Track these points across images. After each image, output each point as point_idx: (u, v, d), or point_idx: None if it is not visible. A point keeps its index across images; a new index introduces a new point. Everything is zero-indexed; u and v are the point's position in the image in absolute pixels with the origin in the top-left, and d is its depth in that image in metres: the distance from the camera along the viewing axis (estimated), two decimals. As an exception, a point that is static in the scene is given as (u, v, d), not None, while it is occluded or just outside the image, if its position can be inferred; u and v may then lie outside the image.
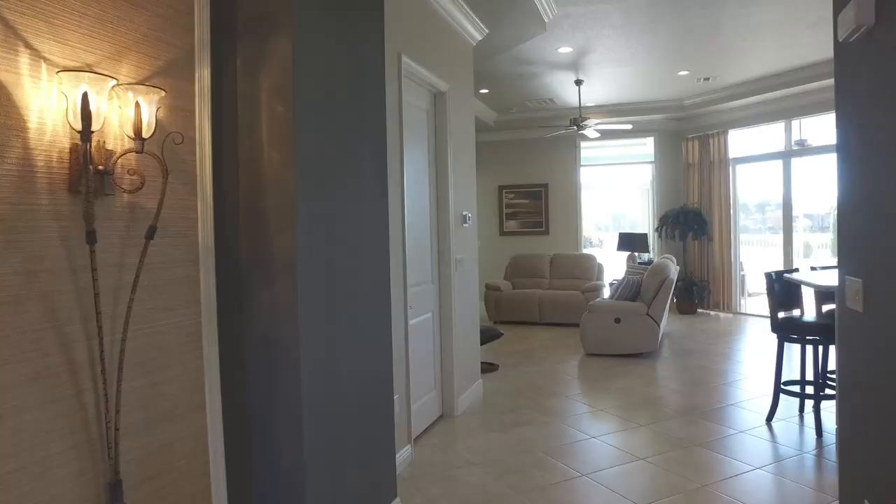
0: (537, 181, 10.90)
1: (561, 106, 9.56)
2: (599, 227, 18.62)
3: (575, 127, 8.25)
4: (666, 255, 7.79)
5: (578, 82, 8.12)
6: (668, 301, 6.75)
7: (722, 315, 9.57)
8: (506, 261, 10.14)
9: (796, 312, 4.75)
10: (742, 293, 9.83)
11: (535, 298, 9.06)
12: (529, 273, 9.79)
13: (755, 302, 10.19)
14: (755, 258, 10.87)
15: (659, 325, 6.68)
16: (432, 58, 4.49)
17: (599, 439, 4.26)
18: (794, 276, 4.42)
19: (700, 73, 7.93)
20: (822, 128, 9.48)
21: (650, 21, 5.89)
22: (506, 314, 9.20)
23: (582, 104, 8.53)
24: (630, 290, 6.96)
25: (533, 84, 8.30)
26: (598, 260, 9.67)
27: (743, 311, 9.75)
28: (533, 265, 9.83)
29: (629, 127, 8.21)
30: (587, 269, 9.48)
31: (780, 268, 9.18)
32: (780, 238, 17.57)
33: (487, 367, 6.18)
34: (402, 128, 3.95)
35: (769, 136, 10.01)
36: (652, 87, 8.75)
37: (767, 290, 4.51)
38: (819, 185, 12.29)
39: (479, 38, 5.36)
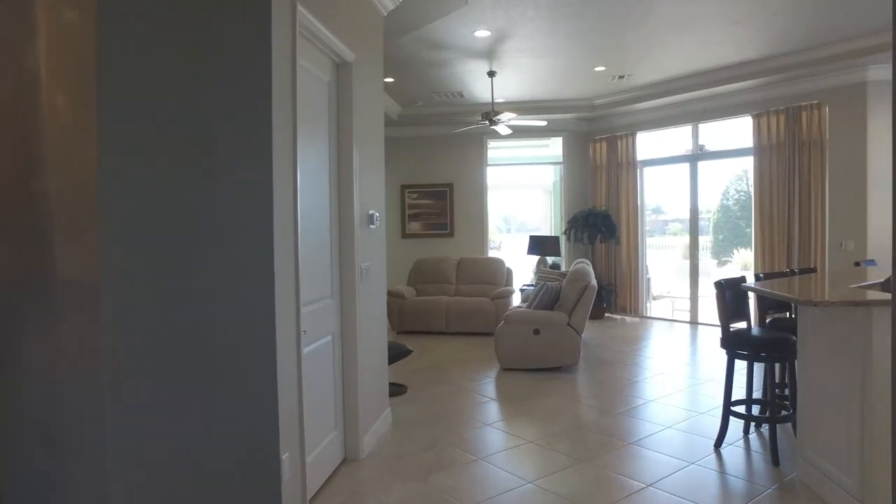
0: (442, 180, 10.11)
1: (470, 101, 8.82)
2: (500, 229, 18.19)
3: (487, 122, 7.52)
4: (582, 260, 7.23)
5: (492, 74, 7.39)
6: (590, 310, 6.16)
7: (629, 319, 9.21)
8: (409, 265, 9.26)
9: (742, 324, 4.22)
10: (648, 297, 9.53)
11: (442, 306, 8.25)
12: (435, 278, 8.97)
13: (659, 305, 9.95)
14: (655, 261, 10.69)
15: (580, 336, 6.06)
16: (337, 20, 3.53)
17: (536, 484, 3.47)
18: (758, 285, 3.85)
19: (617, 69, 7.43)
20: (720, 133, 9.37)
21: (580, 2, 5.22)
22: (410, 324, 8.31)
23: (493, 100, 7.83)
24: (549, 297, 6.30)
25: (443, 73, 7.49)
26: (507, 265, 9.02)
27: (649, 314, 9.44)
28: (438, 270, 9.02)
29: (544, 123, 7.59)
30: (496, 274, 8.79)
31: (685, 269, 9.09)
32: (677, 240, 17.88)
33: (395, 390, 5.28)
34: (296, 100, 2.96)
35: (675, 139, 9.80)
36: (565, 84, 8.19)
37: (718, 299, 3.92)
38: (703, 189, 12.31)
39: (392, 6, 4.45)
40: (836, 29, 6.19)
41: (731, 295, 3.95)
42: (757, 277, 4.50)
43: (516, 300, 8.53)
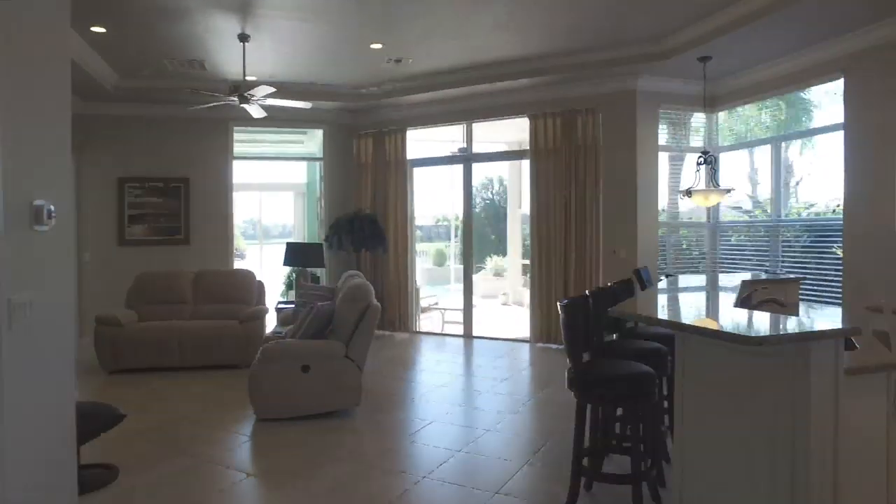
0: (175, 174, 8.00)
1: (213, 74, 6.94)
2: (247, 235, 15.95)
3: (236, 97, 5.83)
4: (355, 273, 5.96)
5: (244, 38, 5.72)
6: (373, 336, 4.92)
7: (398, 336, 8.20)
8: (129, 281, 7.01)
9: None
10: (417, 310, 8.65)
11: (175, 333, 6.27)
12: (164, 298, 6.89)
13: (427, 318, 9.15)
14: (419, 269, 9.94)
15: (362, 370, 4.78)
16: None
17: None
18: (620, 308, 2.96)
19: (394, 49, 6.31)
20: (485, 135, 8.93)
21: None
22: (130, 359, 6.17)
23: (245, 70, 6.14)
24: (319, 322, 4.90)
25: (179, 32, 5.60)
26: (258, 278, 7.34)
27: (419, 329, 8.57)
28: (169, 287, 6.96)
29: (308, 105, 6.14)
30: (246, 291, 7.05)
31: (444, 278, 8.39)
32: (427, 246, 17.54)
33: (100, 476, 3.42)
34: None
35: (444, 138, 9.12)
36: (333, 65, 6.85)
37: (566, 328, 2.98)
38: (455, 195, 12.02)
39: None
40: (615, 32, 5.92)
41: (582, 319, 3.05)
42: (584, 298, 3.70)
43: (272, 322, 6.93)
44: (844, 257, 5.62)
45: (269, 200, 12.99)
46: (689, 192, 6.01)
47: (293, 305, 6.59)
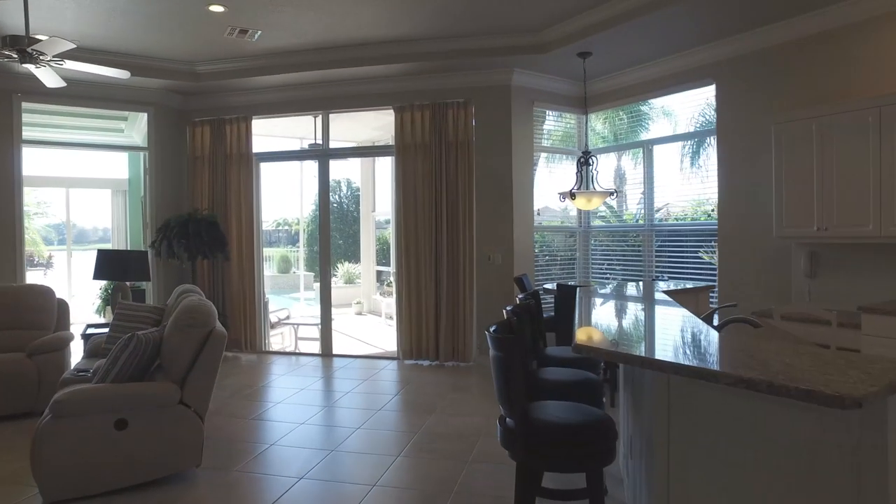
0: (-67, 160, 5.99)
1: (-16, 29, 5.18)
2: (49, 239, 13.24)
3: (16, 54, 4.25)
4: (189, 288, 4.66)
5: (25, -27, 4.20)
6: (217, 372, 3.72)
7: (245, 358, 6.90)
8: None
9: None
10: (266, 326, 7.38)
11: (-74, 374, 4.51)
12: (-86, 324, 5.01)
13: (276, 335, 7.90)
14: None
15: (203, 420, 3.58)
16: None
17: None
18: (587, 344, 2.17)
19: (239, 16, 5.09)
20: (337, 132, 7.94)
21: None
22: None
23: (28, 24, 4.55)
24: (140, 357, 3.60)
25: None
26: (59, 294, 5.66)
27: (268, 348, 7.31)
28: (-78, 309, 5.08)
29: (126, 75, 4.69)
30: (40, 312, 5.35)
31: (293, 287, 7.19)
32: (272, 251, 15.93)
33: None
34: None
35: (293, 130, 7.95)
36: (157, 28, 5.42)
37: (503, 366, 2.15)
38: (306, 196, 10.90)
39: None
40: (493, 18, 5.26)
41: (520, 353, 2.24)
42: (514, 322, 2.90)
43: (77, 355, 5.32)
44: (719, 262, 5.47)
45: (83, 199, 10.77)
46: (572, 195, 5.52)
47: (108, 331, 5.08)
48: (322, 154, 7.02)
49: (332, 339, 7.02)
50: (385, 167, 10.40)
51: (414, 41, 5.82)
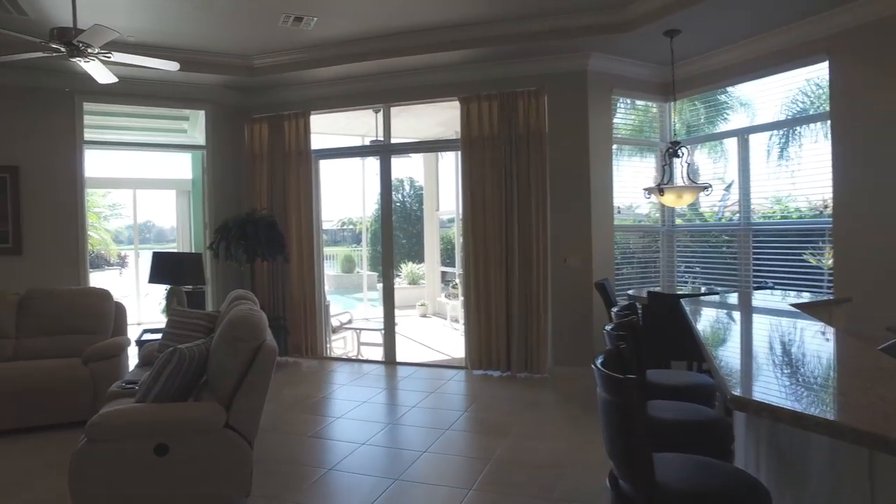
0: (-1, 162, 5.89)
1: (36, 22, 4.92)
2: (121, 239, 13.44)
3: (64, 48, 3.97)
4: (243, 294, 4.27)
5: (71, -37, 3.90)
6: (268, 389, 3.29)
7: (305, 364, 6.53)
8: (-79, 307, 4.88)
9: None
10: (328, 330, 7.00)
11: (-21, 381, 4.31)
12: (-25, 329, 4.85)
13: (338, 340, 7.51)
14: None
15: (251, 445, 3.14)
16: None
17: None
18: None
19: (295, 3, 4.69)
20: (399, 130, 7.46)
21: None
22: None
23: (76, 18, 4.27)
24: (182, 375, 3.20)
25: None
26: (116, 297, 5.42)
27: (330, 353, 6.92)
28: (-19, 313, 4.92)
29: (175, 66, 4.35)
30: (96, 317, 5.10)
31: (356, 286, 6.73)
32: (332, 250, 15.71)
33: None
34: None
35: (353, 126, 7.55)
36: (211, 21, 5.09)
37: (619, 410, 1.57)
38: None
39: None
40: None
41: (637, 396, 1.65)
42: (626, 350, 2.27)
43: (133, 359, 5.06)
44: (835, 267, 4.65)
45: (152, 200, 10.78)
46: (660, 190, 4.83)
47: (160, 338, 4.77)
48: (383, 150, 6.56)
49: (395, 345, 6.55)
50: (449, 165, 9.90)
51: (480, 24, 5.26)
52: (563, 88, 5.61)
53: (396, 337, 6.65)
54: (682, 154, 4.95)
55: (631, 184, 6.00)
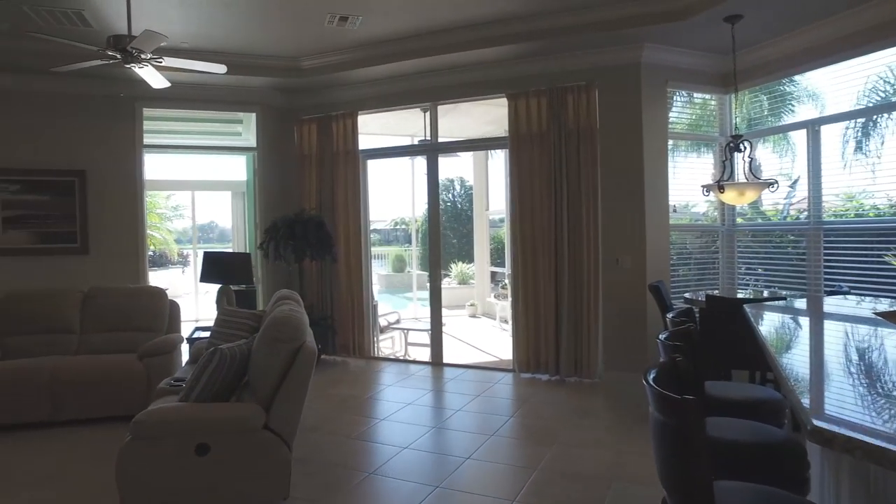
0: (66, 166, 6.08)
1: (101, 30, 5.06)
2: (181, 239, 13.87)
3: (118, 54, 4.03)
4: (287, 295, 4.24)
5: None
6: (307, 391, 3.23)
7: (353, 364, 6.50)
8: None
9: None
10: (375, 330, 6.96)
11: (43, 374, 4.42)
12: (42, 326, 5.00)
13: (385, 339, 7.45)
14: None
15: (290, 448, 3.08)
16: None
17: None
18: None
19: (339, 2, 4.64)
20: (447, 129, 7.31)
21: None
22: (-24, 413, 4.32)
23: (130, 24, 4.34)
24: (223, 375, 3.17)
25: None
26: (177, 295, 5.53)
27: (377, 353, 6.88)
28: (48, 312, 5.06)
29: (222, 69, 4.37)
30: (152, 314, 5.22)
31: (404, 286, 6.61)
32: (381, 250, 15.76)
33: None
34: None
35: (400, 124, 7.48)
36: (260, 25, 5.11)
37: (680, 433, 1.39)
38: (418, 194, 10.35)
39: None
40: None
41: (696, 421, 1.46)
42: (681, 364, 2.07)
43: (185, 356, 5.13)
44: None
45: (209, 201, 11.04)
46: (720, 187, 4.52)
47: (209, 336, 4.81)
48: (430, 149, 6.45)
49: (442, 347, 6.43)
50: (499, 164, 9.72)
51: (527, 18, 5.07)
52: (614, 82, 5.35)
53: (444, 337, 6.54)
54: (744, 148, 4.62)
55: (687, 181, 5.67)
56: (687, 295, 4.92)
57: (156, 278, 10.46)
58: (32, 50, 5.03)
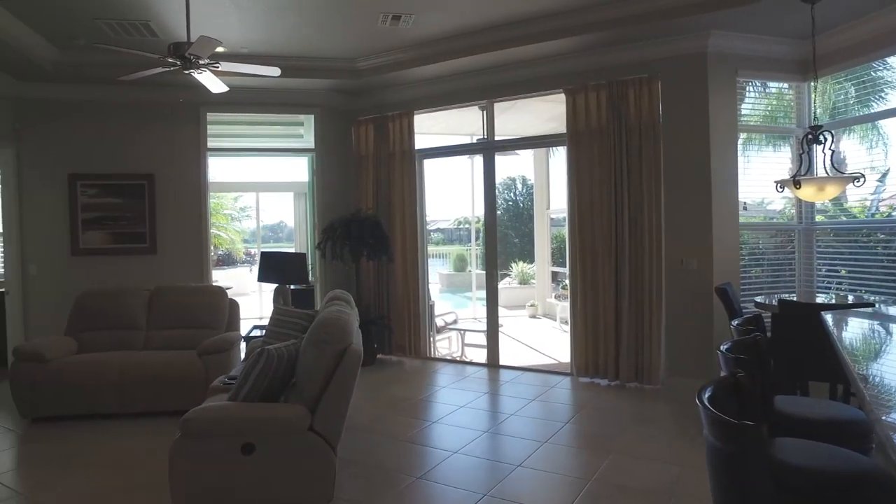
0: (137, 170, 6.35)
1: (165, 38, 5.23)
2: (247, 239, 14.31)
3: (178, 61, 4.12)
4: (338, 295, 4.22)
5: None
6: (353, 393, 3.18)
7: (408, 363, 6.45)
8: (78, 300, 5.36)
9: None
10: (432, 330, 6.89)
11: (113, 369, 4.60)
12: (113, 322, 5.21)
13: (442, 340, 7.37)
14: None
15: (335, 450, 3.03)
16: None
17: None
18: None
19: (392, 1, 4.58)
20: (504, 127, 7.13)
21: None
22: (53, 404, 4.50)
23: (189, 31, 4.44)
24: (271, 376, 3.16)
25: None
26: (236, 295, 5.65)
27: (434, 354, 6.80)
28: (119, 309, 5.27)
29: (276, 72, 4.41)
30: (212, 312, 5.35)
31: (463, 286, 6.50)
32: (439, 249, 15.69)
33: None
34: None
35: (456, 123, 7.37)
36: (316, 28, 5.12)
37: (726, 476, 1.22)
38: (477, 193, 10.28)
39: None
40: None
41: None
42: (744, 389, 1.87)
43: (242, 354, 5.22)
44: None
45: (276, 202, 11.30)
46: (796, 182, 4.15)
47: (263, 335, 4.88)
48: (486, 147, 6.31)
49: (498, 348, 6.28)
50: (560, 162, 9.45)
51: (584, 10, 4.84)
52: (678, 74, 5.04)
53: (502, 338, 6.40)
54: (825, 140, 4.22)
55: (760, 177, 5.27)
56: (758, 299, 4.55)
57: (223, 277, 10.82)
58: (104, 62, 5.25)
